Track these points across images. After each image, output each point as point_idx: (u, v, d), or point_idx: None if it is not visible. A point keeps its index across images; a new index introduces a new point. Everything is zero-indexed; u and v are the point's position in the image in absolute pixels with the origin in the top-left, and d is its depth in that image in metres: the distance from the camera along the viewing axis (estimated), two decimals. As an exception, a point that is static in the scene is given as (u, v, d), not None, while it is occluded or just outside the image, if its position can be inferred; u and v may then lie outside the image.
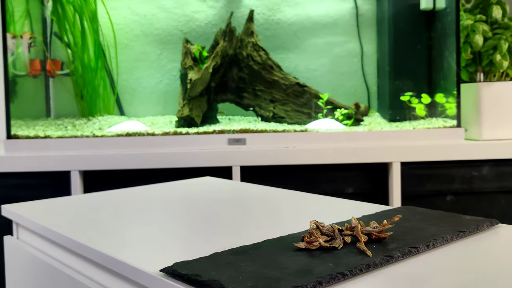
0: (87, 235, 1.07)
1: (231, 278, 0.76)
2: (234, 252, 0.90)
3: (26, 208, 1.37)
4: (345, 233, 0.95)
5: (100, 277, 1.00)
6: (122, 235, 1.07)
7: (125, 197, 1.49)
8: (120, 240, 1.03)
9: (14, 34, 2.40)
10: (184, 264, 0.83)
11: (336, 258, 0.85)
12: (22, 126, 2.46)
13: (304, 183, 2.24)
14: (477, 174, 2.25)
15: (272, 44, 2.89)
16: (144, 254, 0.94)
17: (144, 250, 0.97)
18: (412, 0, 2.65)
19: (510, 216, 2.27)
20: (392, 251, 0.88)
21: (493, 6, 2.42)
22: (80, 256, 1.07)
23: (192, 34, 2.89)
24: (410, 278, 0.79)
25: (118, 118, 2.77)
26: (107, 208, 1.36)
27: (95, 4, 2.76)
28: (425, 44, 2.67)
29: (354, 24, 2.93)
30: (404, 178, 2.22)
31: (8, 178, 2.19)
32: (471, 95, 2.39)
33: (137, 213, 1.28)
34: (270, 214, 1.02)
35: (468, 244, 0.96)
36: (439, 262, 0.86)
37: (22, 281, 1.32)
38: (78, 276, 1.06)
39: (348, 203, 1.36)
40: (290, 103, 2.59)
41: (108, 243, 1.01)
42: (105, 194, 1.55)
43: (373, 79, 2.95)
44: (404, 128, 2.44)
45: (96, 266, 1.01)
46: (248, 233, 1.04)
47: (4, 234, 1.46)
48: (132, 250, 0.97)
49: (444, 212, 1.17)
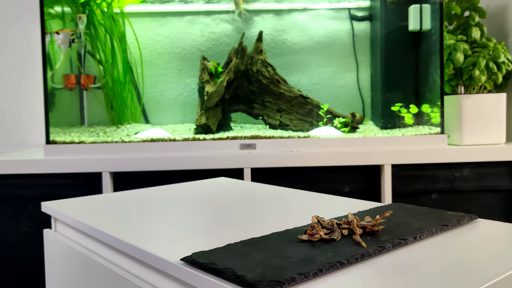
0: (117, 229, 1.08)
1: (242, 266, 0.76)
2: (245, 243, 0.90)
3: (63, 205, 1.37)
4: (343, 227, 0.95)
5: (128, 265, 1.01)
6: (147, 229, 1.08)
7: (149, 195, 1.49)
8: (145, 233, 1.04)
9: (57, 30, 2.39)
10: (201, 254, 0.83)
11: (334, 248, 0.85)
12: (60, 133, 2.46)
13: (306, 183, 2.24)
14: (459, 175, 2.24)
15: (279, 61, 2.89)
16: (166, 245, 0.94)
17: (167, 242, 0.97)
18: (401, 22, 2.64)
19: (487, 212, 2.26)
20: (384, 242, 0.87)
21: (473, 27, 2.41)
22: (110, 247, 1.07)
23: (209, 52, 2.90)
24: (400, 266, 0.78)
25: (143, 125, 2.78)
26: (134, 205, 1.36)
27: (123, 26, 2.77)
28: (412, 60, 2.66)
29: (350, 43, 2.93)
30: (394, 178, 2.22)
31: (47, 178, 2.19)
32: (453, 106, 2.39)
33: (160, 209, 1.28)
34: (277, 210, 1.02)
35: (450, 236, 0.96)
36: (425, 252, 0.86)
37: (59, 269, 1.32)
38: (109, 264, 1.06)
39: (345, 200, 1.36)
40: (295, 112, 2.58)
41: (135, 236, 1.01)
42: (132, 193, 1.55)
43: (367, 91, 2.94)
44: (395, 134, 2.44)
45: (124, 256, 1.01)
46: (258, 226, 1.04)
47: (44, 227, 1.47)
48: (156, 241, 0.97)
49: (429, 209, 1.16)
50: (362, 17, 2.92)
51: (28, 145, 2.90)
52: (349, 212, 1.04)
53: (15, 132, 2.89)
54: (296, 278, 0.71)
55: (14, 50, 2.89)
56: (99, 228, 1.09)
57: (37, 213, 2.19)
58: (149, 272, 0.93)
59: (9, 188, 2.19)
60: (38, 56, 2.87)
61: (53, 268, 1.37)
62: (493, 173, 2.26)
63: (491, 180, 2.26)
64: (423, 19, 2.56)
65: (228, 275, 0.73)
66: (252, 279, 0.70)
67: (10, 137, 2.89)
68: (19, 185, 2.19)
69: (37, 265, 2.20)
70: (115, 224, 1.13)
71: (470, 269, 0.77)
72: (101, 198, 1.47)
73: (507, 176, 2.26)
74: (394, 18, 2.68)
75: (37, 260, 2.20)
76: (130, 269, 1.00)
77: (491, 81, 2.37)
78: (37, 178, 2.19)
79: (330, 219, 0.98)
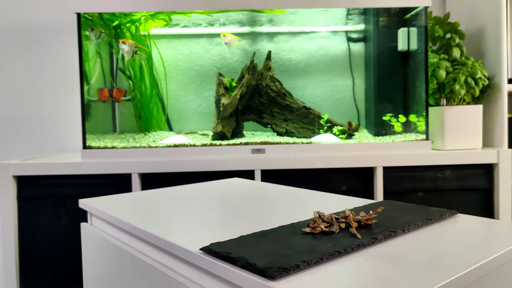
0: (144, 222, 1.08)
1: (253, 255, 0.76)
2: (256, 235, 0.90)
3: (97, 202, 1.38)
4: (341, 221, 0.95)
5: (154, 254, 1.01)
6: (171, 222, 1.08)
7: (173, 193, 1.50)
8: (169, 226, 1.04)
9: (123, 40, 2.41)
10: (218, 244, 0.83)
11: (334, 240, 0.85)
12: (95, 139, 2.47)
13: (309, 183, 2.23)
14: (441, 176, 2.23)
15: (285, 76, 2.89)
16: (187, 236, 0.95)
17: (188, 233, 0.97)
18: (391, 43, 2.64)
19: (466, 208, 2.25)
20: (377, 234, 0.87)
21: (453, 47, 2.41)
22: (138, 238, 1.07)
23: (224, 69, 2.90)
24: (390, 255, 0.78)
25: (167, 133, 2.78)
26: (159, 202, 1.36)
27: (150, 46, 2.78)
28: (401, 76, 2.66)
29: (347, 61, 2.93)
30: (385, 179, 2.21)
31: (83, 179, 2.20)
32: (436, 116, 2.38)
33: (182, 205, 1.29)
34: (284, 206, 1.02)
35: (434, 229, 0.96)
36: (412, 242, 0.86)
37: (94, 258, 1.33)
38: (137, 253, 1.07)
39: (343, 198, 1.36)
40: (299, 121, 2.58)
41: (160, 228, 1.01)
42: (157, 191, 1.56)
43: (362, 103, 2.94)
44: (385, 141, 2.43)
45: (151, 246, 1.02)
46: (267, 220, 1.04)
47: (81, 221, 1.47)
48: (179, 233, 0.97)
49: (416, 205, 1.16)
50: (358, 39, 2.92)
51: (66, 151, 2.91)
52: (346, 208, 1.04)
53: (55, 139, 2.90)
54: (300, 265, 0.71)
55: (54, 67, 2.90)
56: (129, 222, 1.09)
57: (75, 209, 2.20)
58: (172, 260, 0.94)
59: (51, 187, 2.20)
60: (75, 72, 2.88)
61: (89, 257, 1.38)
62: (471, 174, 2.25)
63: (469, 181, 2.25)
64: (411, 41, 2.56)
65: (241, 262, 0.74)
66: (262, 266, 0.70)
67: (51, 143, 2.90)
68: (60, 184, 2.20)
69: (75, 255, 2.21)
70: (143, 218, 1.13)
71: (451, 257, 0.77)
72: (131, 196, 1.48)
73: (483, 177, 2.25)
74: (385, 40, 2.67)
75: (75, 251, 2.21)
76: (156, 257, 1.00)
77: (470, 94, 2.36)
78: (75, 179, 2.19)
79: (329, 214, 0.98)
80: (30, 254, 2.21)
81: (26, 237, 2.21)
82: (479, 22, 2.59)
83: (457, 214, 1.07)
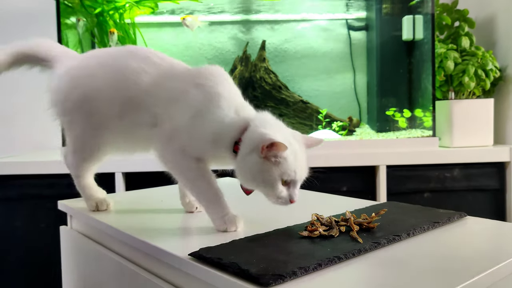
0: (128, 225, 1.08)
1: (247, 260, 0.76)
2: (250, 239, 0.90)
3: (78, 203, 1.38)
4: (341, 224, 0.95)
5: (139, 260, 1.01)
6: (157, 225, 1.08)
7: (159, 194, 1.50)
8: (155, 229, 1.04)
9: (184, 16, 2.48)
10: (208, 249, 0.83)
11: (333, 244, 0.85)
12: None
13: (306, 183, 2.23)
14: (449, 175, 2.24)
15: (281, 68, 2.89)
16: (175, 241, 0.95)
17: (176, 238, 0.97)
18: (395, 32, 2.64)
19: (476, 210, 2.26)
20: (379, 238, 0.88)
21: (462, 37, 2.41)
22: (123, 243, 1.07)
23: (215, 60, 2.90)
24: (394, 261, 0.79)
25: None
26: (145, 203, 1.36)
27: (134, 35, 2.77)
28: (406, 68, 2.66)
29: (348, 51, 2.93)
30: (389, 178, 2.22)
31: (63, 178, 2.20)
32: (444, 110, 2.38)
33: (169, 207, 1.29)
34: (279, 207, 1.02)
35: (441, 232, 0.96)
36: (418, 247, 0.86)
37: (74, 264, 1.33)
38: (122, 259, 1.06)
39: (343, 199, 1.36)
40: (296, 117, 2.58)
41: (146, 232, 1.01)
42: (143, 192, 1.56)
43: (364, 97, 2.94)
44: (389, 137, 2.44)
45: (136, 251, 1.01)
46: (261, 223, 1.04)
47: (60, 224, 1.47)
48: (166, 237, 0.97)
49: (421, 207, 1.17)
50: (359, 27, 2.92)
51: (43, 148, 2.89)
52: (346, 210, 1.04)
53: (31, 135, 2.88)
54: (297, 272, 0.71)
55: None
56: (112, 225, 1.09)
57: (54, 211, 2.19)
58: (158, 266, 0.93)
59: (28, 187, 2.19)
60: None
61: (69, 263, 1.37)
62: (481, 173, 2.26)
63: (479, 180, 2.26)
64: (416, 29, 2.56)
65: (233, 269, 0.73)
66: (256, 273, 0.70)
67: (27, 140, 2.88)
68: (38, 185, 2.19)
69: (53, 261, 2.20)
70: (127, 221, 1.13)
71: (460, 263, 0.77)
72: (114, 197, 1.47)
73: (495, 176, 2.26)
74: (389, 28, 2.68)
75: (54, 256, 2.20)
76: (141, 263, 1.00)
77: (480, 87, 2.37)
78: (54, 178, 2.19)
79: (328, 217, 0.98)
80: (5, 259, 2.20)
81: (1, 242, 2.20)
82: (489, 9, 2.60)
83: (466, 217, 1.08)
